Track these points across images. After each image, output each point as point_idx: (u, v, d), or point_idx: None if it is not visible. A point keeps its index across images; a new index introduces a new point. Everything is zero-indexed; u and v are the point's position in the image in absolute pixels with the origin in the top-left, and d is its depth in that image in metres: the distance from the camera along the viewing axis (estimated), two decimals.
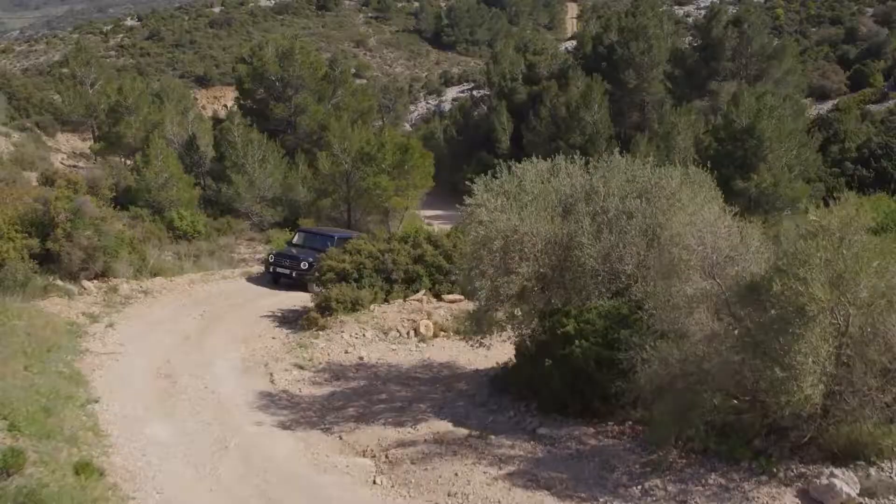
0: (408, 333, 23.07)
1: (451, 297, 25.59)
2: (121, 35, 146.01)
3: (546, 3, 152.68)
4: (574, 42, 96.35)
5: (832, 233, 11.88)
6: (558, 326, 15.71)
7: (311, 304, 25.07)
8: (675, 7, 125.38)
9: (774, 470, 12.24)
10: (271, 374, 19.84)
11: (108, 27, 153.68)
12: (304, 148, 48.91)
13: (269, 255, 32.66)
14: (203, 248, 36.87)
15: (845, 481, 11.35)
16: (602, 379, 14.67)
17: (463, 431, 15.60)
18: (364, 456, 14.86)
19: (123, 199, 38.19)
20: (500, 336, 19.33)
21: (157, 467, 13.90)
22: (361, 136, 43.76)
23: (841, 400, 12.01)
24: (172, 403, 17.48)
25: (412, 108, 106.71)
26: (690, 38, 74.26)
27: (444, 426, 16.02)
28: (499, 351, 19.66)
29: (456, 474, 13.47)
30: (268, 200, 44.62)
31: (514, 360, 18.00)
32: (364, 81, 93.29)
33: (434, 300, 25.73)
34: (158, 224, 37.54)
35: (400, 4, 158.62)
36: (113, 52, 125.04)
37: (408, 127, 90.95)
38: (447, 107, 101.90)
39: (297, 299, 27.33)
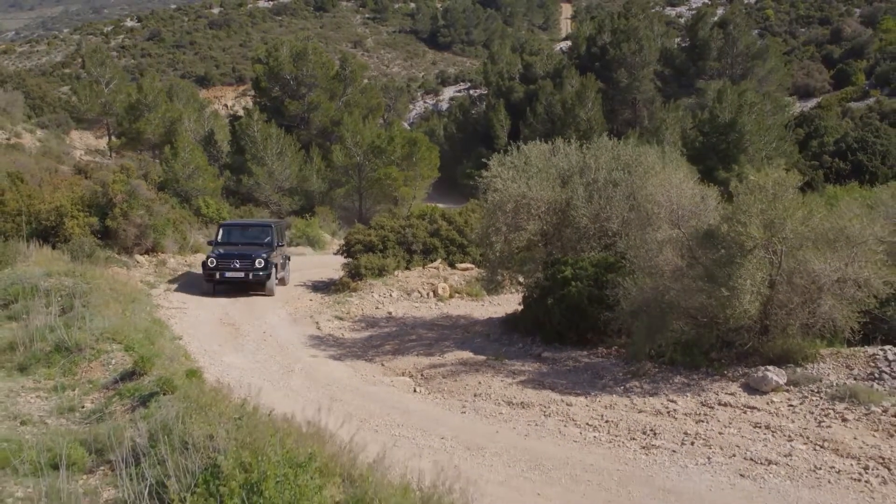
0: (427, 294, 26.85)
1: (463, 265, 29.47)
2: (121, 36, 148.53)
3: (540, 4, 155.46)
4: (568, 42, 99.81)
5: (767, 190, 15.68)
6: (558, 272, 19.58)
7: (342, 272, 29.02)
8: (668, 8, 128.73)
9: (725, 372, 16.04)
10: (317, 323, 23.72)
11: (109, 28, 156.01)
12: (317, 142, 52.52)
13: (208, 258, 27.76)
14: None
15: (776, 374, 15.12)
16: (593, 313, 18.56)
17: (482, 357, 19.40)
18: (403, 375, 18.58)
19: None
20: (508, 292, 23.68)
21: (240, 381, 17.54)
22: (372, 131, 47.37)
23: (773, 315, 15.83)
24: (240, 342, 21.24)
25: (410, 107, 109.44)
26: (679, 38, 77.66)
27: (466, 354, 19.79)
28: (506, 307, 23.94)
29: (479, 382, 17.20)
30: (285, 190, 48.33)
31: (522, 307, 21.82)
32: (367, 81, 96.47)
33: (448, 268, 29.55)
34: (187, 211, 41.08)
35: (397, 5, 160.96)
36: (115, 53, 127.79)
37: (406, 126, 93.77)
38: (444, 106, 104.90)
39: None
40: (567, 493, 11.30)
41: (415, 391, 17.35)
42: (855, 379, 14.84)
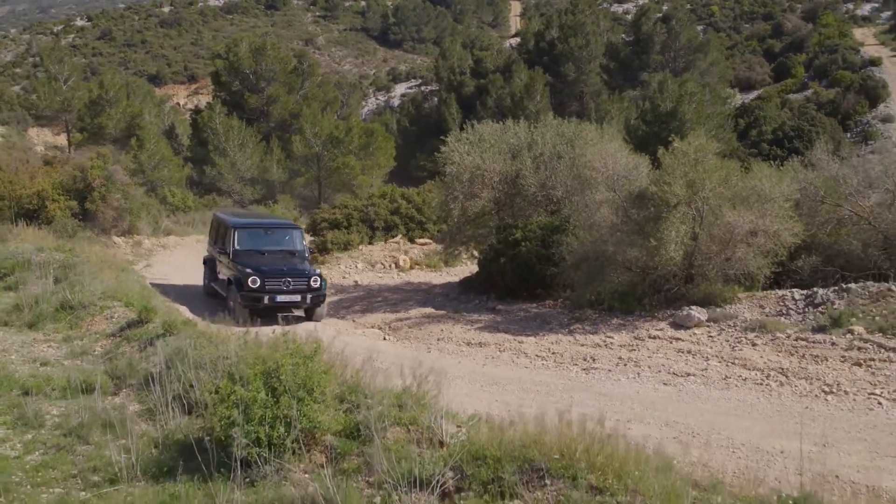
0: (390, 266, 29.14)
1: (422, 240, 31.86)
2: (72, 35, 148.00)
3: (490, 1, 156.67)
4: (518, 38, 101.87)
5: (689, 155, 18.13)
6: (510, 235, 22.01)
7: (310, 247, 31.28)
8: (614, 4, 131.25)
9: (655, 314, 18.49)
10: None
11: (59, 28, 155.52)
12: (277, 134, 54.49)
13: (246, 277, 20.48)
14: (196, 218, 42.44)
15: (698, 312, 17.56)
16: (541, 269, 21.01)
17: (443, 311, 21.77)
18: (373, 328, 20.81)
19: None
20: (463, 264, 26.16)
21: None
22: (330, 122, 49.40)
23: (697, 264, 18.29)
24: (225, 308, 23.32)
25: (363, 103, 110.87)
26: (624, 33, 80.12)
27: (428, 310, 22.14)
28: (462, 275, 26.32)
29: (441, 330, 19.51)
30: (247, 180, 50.30)
31: (477, 268, 24.19)
32: (321, 77, 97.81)
33: (409, 243, 31.87)
34: (154, 200, 42.92)
35: (347, 3, 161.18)
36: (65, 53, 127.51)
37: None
38: (396, 102, 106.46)
39: None
40: (520, 398, 13.56)
41: (384, 339, 19.56)
42: (766, 315, 17.34)
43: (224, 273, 22.38)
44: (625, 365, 15.52)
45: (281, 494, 9.48)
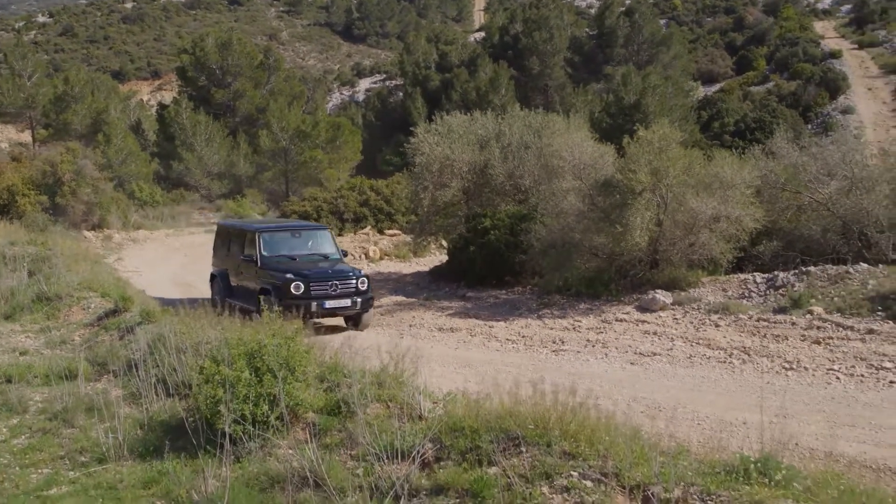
0: (360, 256, 29.52)
1: (391, 231, 32.29)
2: (34, 31, 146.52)
3: None
4: (482, 33, 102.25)
5: (654, 144, 18.65)
6: (479, 224, 22.48)
7: None
8: None
9: (622, 298, 19.02)
10: None
11: (21, 24, 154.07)
12: (243, 128, 54.67)
13: (289, 283, 18.21)
14: (165, 212, 42.68)
15: (664, 296, 18.10)
16: (510, 257, 21.50)
17: (414, 299, 22.20)
18: None
19: None
20: (432, 255, 26.60)
21: None
22: (297, 116, 49.60)
23: (661, 249, 18.83)
24: (198, 298, 23.65)
25: (328, 98, 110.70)
26: (588, 27, 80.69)
27: (399, 298, 22.60)
28: (431, 265, 26.71)
29: (413, 317, 19.98)
30: (214, 175, 50.49)
31: (447, 259, 24.65)
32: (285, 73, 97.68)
33: (378, 234, 32.27)
34: (122, 195, 43.05)
35: None
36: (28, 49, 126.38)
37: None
38: (361, 97, 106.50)
39: None
40: (493, 378, 14.01)
41: None
42: (729, 298, 17.91)
43: (251, 284, 19.77)
44: (593, 346, 16.02)
45: (266, 469, 9.89)
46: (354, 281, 18.63)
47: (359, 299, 18.56)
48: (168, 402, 12.43)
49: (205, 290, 23.20)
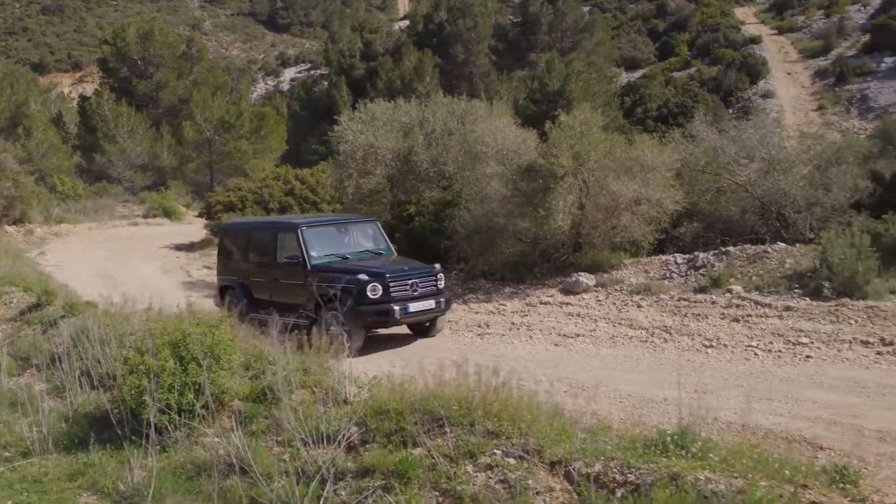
0: None
1: None
2: None
3: None
4: (407, 21, 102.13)
5: (575, 128, 18.86)
6: (403, 211, 22.58)
7: (206, 232, 31.35)
8: None
9: (546, 281, 19.25)
10: (188, 272, 26.09)
11: None
12: (167, 120, 54.14)
13: (364, 285, 15.12)
14: (88, 206, 42.12)
15: (586, 278, 18.37)
16: (435, 243, 21.60)
17: None
18: None
19: None
20: None
21: None
22: (221, 107, 49.26)
23: (584, 233, 19.09)
24: (122, 291, 23.33)
25: (252, 88, 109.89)
26: (512, 14, 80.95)
27: None
28: None
29: None
30: (138, 167, 49.96)
31: None
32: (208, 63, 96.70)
33: None
34: (43, 189, 42.43)
35: None
36: None
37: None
38: (286, 87, 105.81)
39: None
40: (418, 361, 14.11)
41: None
42: (651, 279, 18.22)
43: (293, 294, 16.39)
44: (517, 329, 16.21)
45: (193, 457, 9.90)
46: (434, 278, 16.21)
47: (442, 299, 16.12)
48: (93, 395, 12.36)
49: (128, 283, 23.04)
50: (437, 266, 16.55)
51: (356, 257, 16.79)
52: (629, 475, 7.62)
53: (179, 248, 31.77)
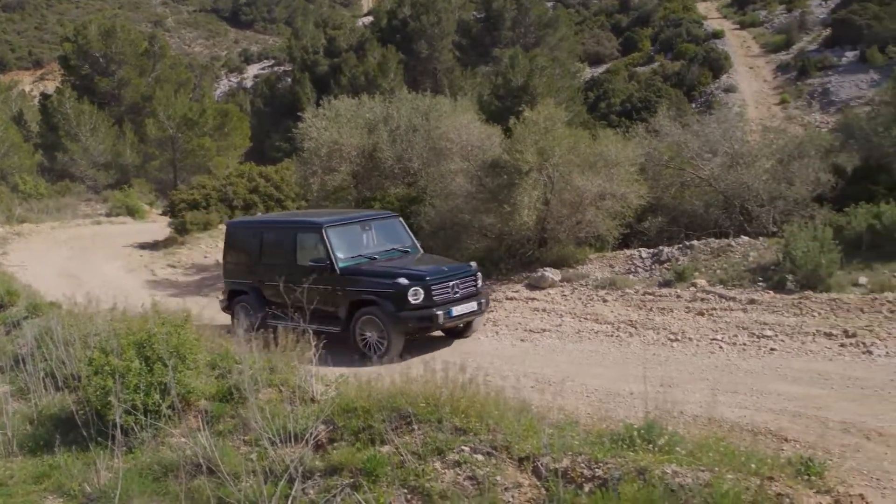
0: None
1: None
2: None
3: None
4: (371, 17, 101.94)
5: (539, 124, 18.91)
6: (369, 207, 22.44)
7: (170, 230, 31.17)
8: None
9: (511, 277, 19.29)
10: (152, 271, 25.96)
11: None
12: (129, 117, 53.77)
13: (405, 289, 14.35)
14: (50, 205, 41.73)
15: (552, 273, 18.44)
16: None
17: None
18: None
19: None
20: None
21: None
22: (184, 104, 48.93)
23: (549, 228, 19.15)
24: (85, 290, 23.15)
25: (216, 85, 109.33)
26: (476, 10, 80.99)
27: None
28: None
29: None
30: (100, 165, 49.55)
31: None
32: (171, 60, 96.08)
33: None
34: (5, 187, 42.04)
35: None
36: None
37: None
38: (249, 83, 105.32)
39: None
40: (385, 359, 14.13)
41: None
42: (616, 273, 18.31)
43: (323, 302, 14.72)
44: (484, 325, 16.23)
45: (159, 458, 9.86)
46: (474, 277, 15.46)
47: (483, 300, 15.55)
48: (57, 396, 12.29)
49: (92, 282, 22.87)
50: (474, 265, 15.85)
51: (383, 257, 15.93)
52: (597, 470, 7.67)
53: (143, 246, 31.54)
